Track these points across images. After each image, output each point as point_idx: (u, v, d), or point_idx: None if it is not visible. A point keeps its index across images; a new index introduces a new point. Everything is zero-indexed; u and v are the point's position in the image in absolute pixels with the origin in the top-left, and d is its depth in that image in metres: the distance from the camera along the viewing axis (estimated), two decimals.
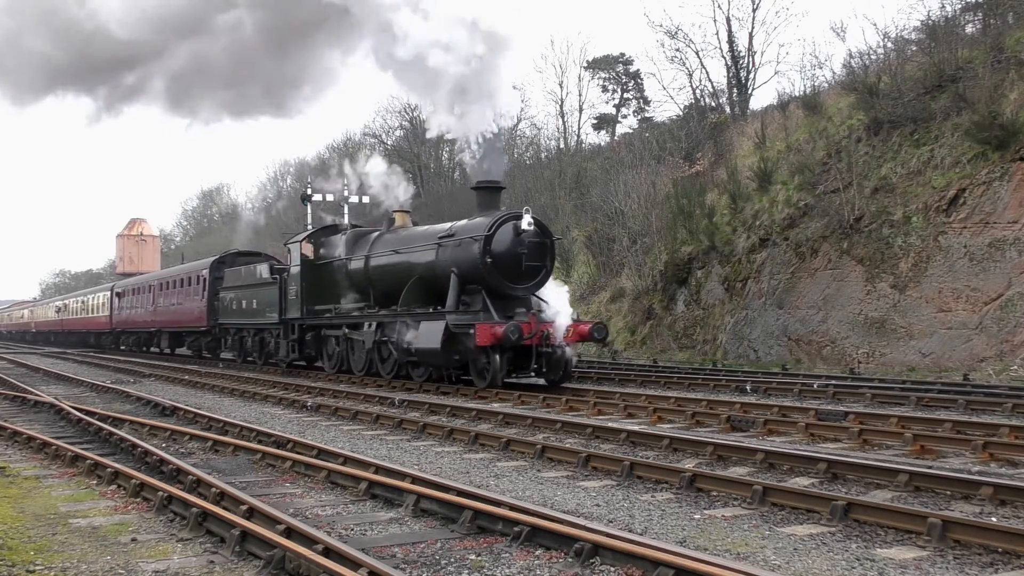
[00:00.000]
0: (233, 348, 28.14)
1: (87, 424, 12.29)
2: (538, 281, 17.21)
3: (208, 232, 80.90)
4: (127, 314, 41.09)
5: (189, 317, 31.49)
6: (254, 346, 26.12)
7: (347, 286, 21.37)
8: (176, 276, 34.38)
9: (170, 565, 5.48)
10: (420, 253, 18.65)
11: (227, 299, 27.55)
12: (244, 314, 26.07)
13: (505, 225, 16.78)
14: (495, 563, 5.42)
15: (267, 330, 24.80)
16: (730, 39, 35.33)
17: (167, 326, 34.69)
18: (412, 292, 18.25)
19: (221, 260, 30.20)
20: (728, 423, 10.92)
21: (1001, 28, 21.96)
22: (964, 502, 6.79)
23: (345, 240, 21.77)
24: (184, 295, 32.30)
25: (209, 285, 29.55)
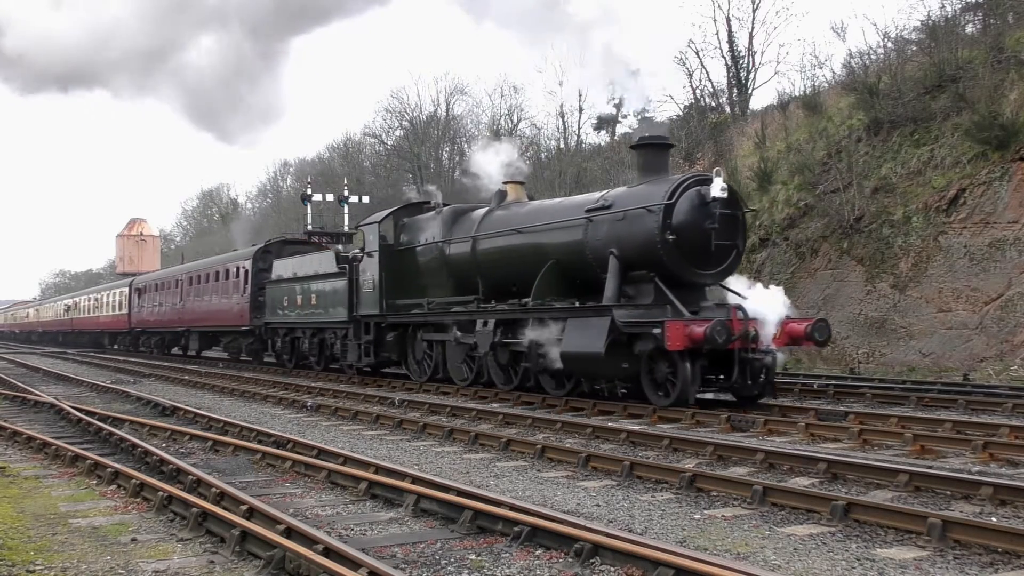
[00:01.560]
0: (283, 351, 24.28)
1: (87, 424, 12.29)
2: (728, 266, 13.48)
3: (208, 232, 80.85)
4: (148, 312, 37.28)
5: (227, 315, 27.72)
6: (312, 348, 22.50)
7: (443, 275, 17.51)
8: (210, 269, 30.32)
9: (170, 565, 5.48)
10: (557, 232, 14.67)
11: (276, 294, 23.90)
12: (299, 311, 22.39)
13: (688, 192, 12.94)
14: (495, 563, 5.42)
15: (330, 330, 21.23)
16: (730, 39, 35.33)
17: (198, 325, 30.87)
18: (547, 282, 14.43)
19: (266, 249, 26.44)
20: (728, 423, 10.92)
21: (1001, 28, 21.96)
22: (964, 502, 6.78)
23: (441, 220, 17.59)
24: (220, 290, 28.61)
25: (252, 278, 25.80)
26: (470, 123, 54.23)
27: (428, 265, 17.95)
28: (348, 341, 20.09)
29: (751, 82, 35.73)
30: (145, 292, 37.84)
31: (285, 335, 24.07)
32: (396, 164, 55.37)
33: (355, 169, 54.76)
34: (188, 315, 31.73)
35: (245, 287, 26.30)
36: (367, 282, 19.11)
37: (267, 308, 24.58)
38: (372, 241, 19.11)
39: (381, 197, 46.50)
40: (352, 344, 19.91)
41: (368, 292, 19.04)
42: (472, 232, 16.67)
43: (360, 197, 41.60)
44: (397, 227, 19.06)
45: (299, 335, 23.25)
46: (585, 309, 13.42)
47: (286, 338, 24.04)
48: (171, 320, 33.96)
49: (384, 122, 56.47)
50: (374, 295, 18.78)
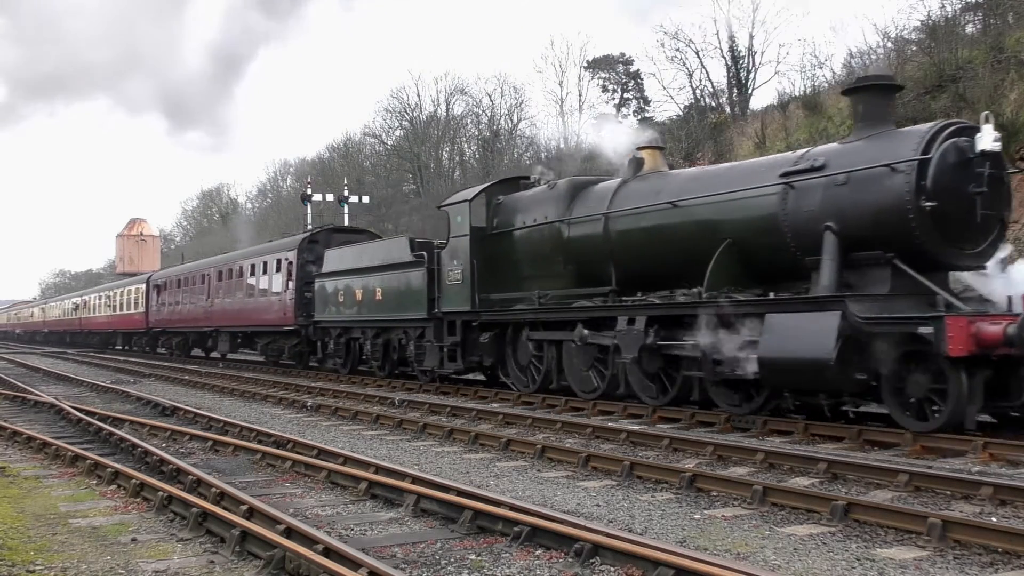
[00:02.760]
0: (336, 354, 21.28)
1: (87, 424, 12.29)
2: (991, 243, 10.29)
3: (208, 232, 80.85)
4: (170, 310, 34.39)
5: (266, 313, 24.73)
6: (374, 351, 19.49)
7: (559, 263, 14.36)
8: (244, 262, 27.32)
9: (170, 565, 5.48)
10: (736, 204, 11.46)
11: (328, 289, 21.09)
12: (359, 308, 19.53)
13: (946, 145, 9.90)
14: (495, 563, 5.42)
15: (399, 329, 18.38)
16: (730, 39, 35.35)
17: (229, 325, 27.95)
18: (723, 268, 11.39)
19: (313, 239, 23.72)
20: (728, 423, 10.91)
21: (1001, 28, 21.99)
22: (964, 502, 6.78)
23: (556, 196, 14.46)
24: (257, 285, 25.81)
25: (298, 271, 22.98)
26: (470, 123, 54.23)
27: (536, 251, 14.79)
28: (426, 343, 17.11)
29: (751, 82, 35.76)
30: (165, 289, 34.98)
31: (339, 336, 21.08)
32: (396, 164, 55.40)
33: (355, 169, 54.78)
34: (217, 314, 28.91)
35: (289, 282, 23.37)
36: (453, 273, 16.02)
37: (317, 305, 21.71)
38: (460, 224, 15.91)
39: (381, 197, 46.59)
40: (431, 347, 16.89)
41: (455, 285, 16.00)
42: (603, 209, 13.39)
43: (360, 197, 41.68)
44: (491, 207, 15.92)
45: (357, 336, 20.40)
46: (800, 301, 10.32)
47: (340, 339, 21.07)
48: (196, 319, 31.22)
49: (384, 122, 56.56)
50: (463, 288, 15.72)
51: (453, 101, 54.04)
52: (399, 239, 19.44)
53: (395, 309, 18.12)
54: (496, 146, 51.22)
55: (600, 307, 13.27)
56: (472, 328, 15.92)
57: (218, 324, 28.86)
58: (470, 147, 54.90)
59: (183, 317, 32.76)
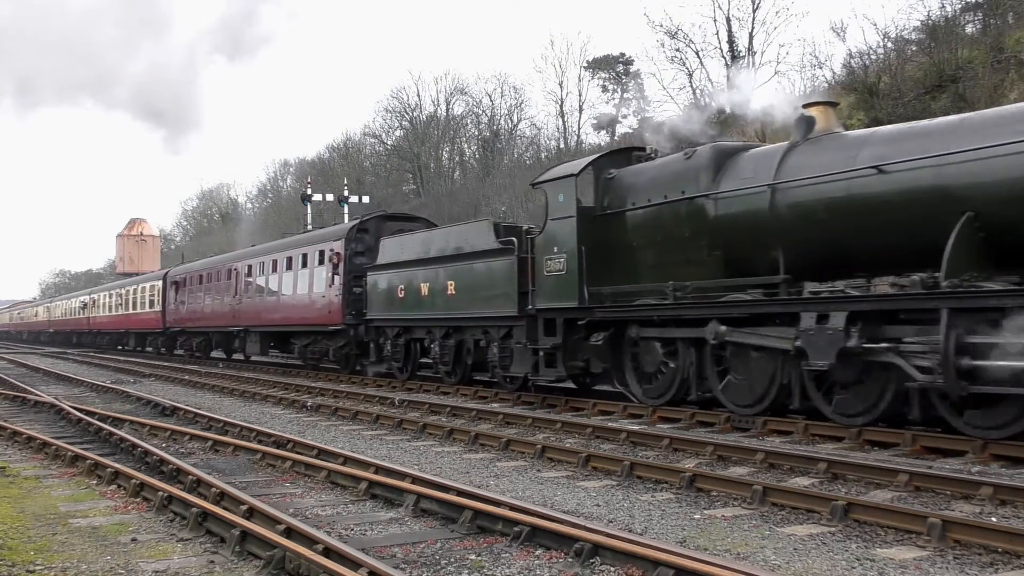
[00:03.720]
0: (393, 356, 18.74)
1: (87, 424, 12.29)
2: None
3: (208, 232, 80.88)
4: (190, 309, 32.00)
5: (307, 311, 22.18)
6: (444, 354, 16.89)
7: (701, 247, 11.78)
8: (280, 255, 24.72)
9: (170, 565, 5.48)
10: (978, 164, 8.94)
11: (384, 283, 18.69)
12: (426, 304, 17.11)
13: None
14: (495, 563, 5.42)
15: (481, 329, 15.74)
16: (730, 39, 35.37)
17: (260, 324, 25.49)
18: (964, 248, 8.95)
19: (362, 227, 21.01)
20: (728, 423, 10.91)
21: (1001, 28, 22.00)
22: (964, 502, 6.78)
23: (695, 167, 11.92)
24: (296, 280, 23.21)
25: (346, 263, 20.50)
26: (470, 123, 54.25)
27: (668, 234, 12.25)
28: (515, 345, 14.62)
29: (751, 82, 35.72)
30: (185, 286, 32.53)
31: (397, 336, 18.53)
32: (396, 164, 55.42)
33: (355, 169, 54.80)
34: (246, 312, 26.34)
35: (334, 275, 20.76)
36: (554, 262, 13.41)
37: (370, 301, 19.24)
38: (563, 203, 13.33)
39: (381, 197, 46.59)
40: (521, 350, 14.35)
41: (556, 276, 13.36)
42: (768, 179, 10.94)
43: (360, 197, 41.67)
44: (600, 183, 13.42)
45: (420, 336, 17.91)
46: None
47: (398, 340, 18.50)
48: (221, 318, 28.62)
49: (384, 122, 56.60)
50: (567, 280, 13.12)
51: (453, 101, 54.14)
52: (480, 223, 16.58)
53: (473, 305, 15.61)
54: (496, 146, 51.25)
55: (777, 300, 10.58)
56: (574, 327, 13.25)
57: (247, 324, 26.33)
58: (470, 147, 54.97)
59: (205, 316, 30.29)
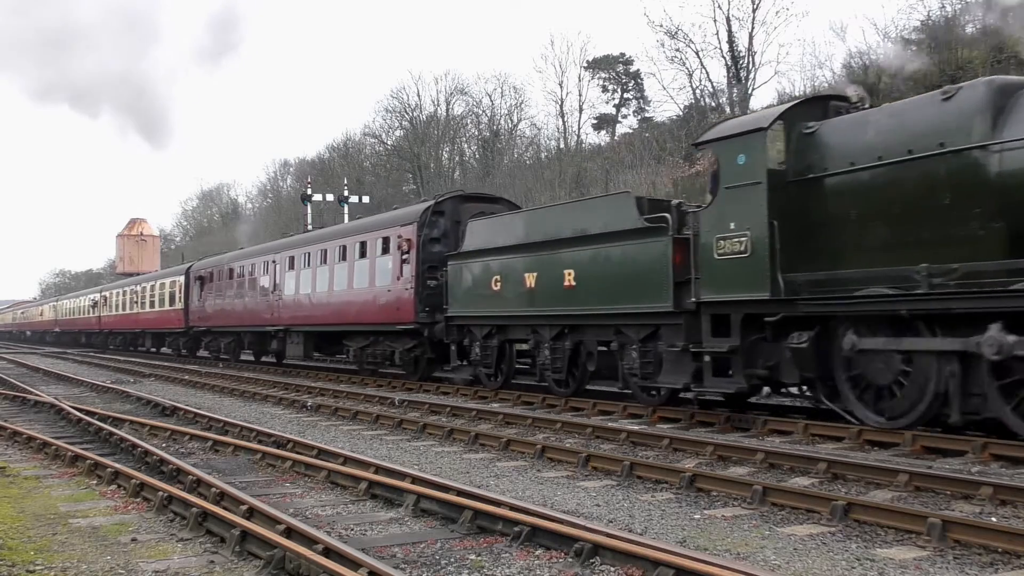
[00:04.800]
0: (483, 361, 15.85)
1: (87, 424, 12.29)
2: None
3: (208, 232, 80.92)
4: (217, 306, 29.12)
5: (367, 308, 19.39)
6: (557, 359, 13.97)
7: (974, 219, 9.01)
8: (332, 243, 21.77)
9: (170, 565, 5.48)
10: None
11: (472, 274, 15.95)
12: (532, 299, 14.31)
13: None
14: (495, 563, 5.42)
15: (612, 328, 12.79)
16: (730, 39, 35.41)
17: (306, 323, 22.78)
18: None
19: (438, 210, 18.21)
20: (728, 423, 10.91)
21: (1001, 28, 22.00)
22: (964, 502, 6.78)
23: (960, 110, 9.23)
24: (351, 273, 20.38)
25: (419, 251, 17.80)
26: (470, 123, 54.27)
27: (909, 202, 9.58)
28: (665, 349, 11.82)
29: (751, 82, 35.78)
30: (211, 281, 29.74)
31: (488, 336, 15.76)
32: (396, 164, 55.43)
33: (355, 169, 54.83)
34: (288, 310, 23.63)
35: (404, 265, 18.08)
36: (730, 242, 10.63)
37: (452, 295, 16.51)
38: (746, 167, 10.55)
39: (381, 197, 46.59)
40: (676, 355, 11.53)
41: (733, 260, 10.59)
42: None
43: (360, 197, 41.71)
44: (794, 140, 10.70)
45: (522, 337, 15.07)
46: None
47: (489, 341, 15.75)
48: (255, 316, 25.76)
49: (384, 122, 56.63)
50: (752, 265, 10.35)
51: (453, 101, 54.15)
52: (617, 197, 13.61)
53: (601, 299, 12.84)
54: (496, 146, 51.26)
55: None
56: (753, 325, 10.54)
57: (288, 323, 23.63)
58: (470, 147, 54.99)
59: (236, 314, 27.29)
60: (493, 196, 20.31)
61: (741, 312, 10.67)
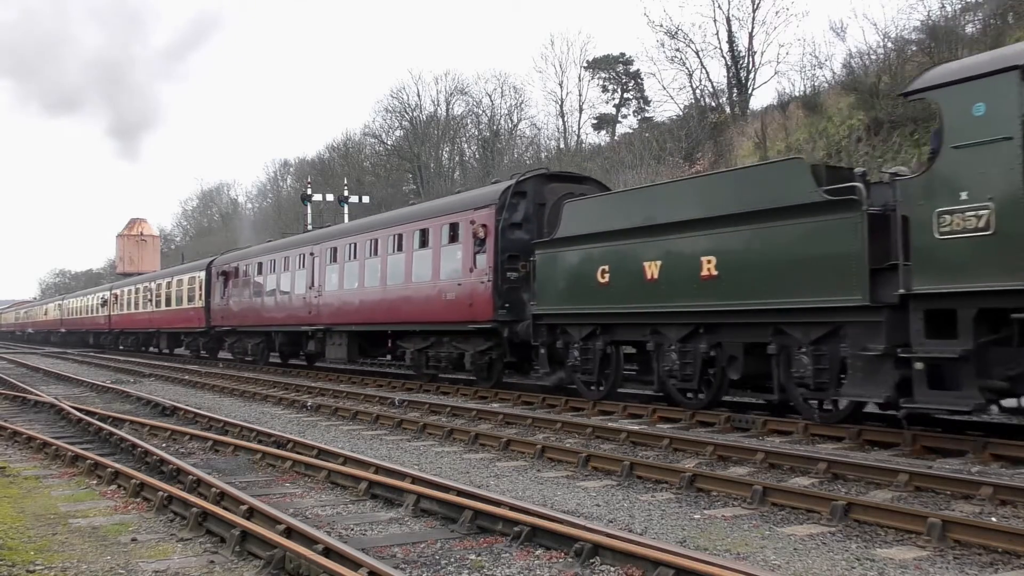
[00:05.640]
0: (583, 366, 13.49)
1: (87, 424, 12.29)
2: None
3: (208, 232, 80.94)
4: (244, 304, 27.01)
5: (431, 304, 17.20)
6: (688, 365, 11.70)
7: None
8: (384, 232, 19.45)
9: (170, 565, 5.48)
10: None
11: (569, 264, 13.70)
12: (650, 293, 12.07)
13: None
14: (495, 563, 5.42)
15: (772, 327, 10.60)
16: (730, 39, 35.40)
17: (353, 322, 20.49)
18: None
19: (519, 191, 15.81)
20: (728, 423, 10.91)
21: (1001, 28, 22.00)
22: (964, 502, 6.78)
23: None
24: (410, 264, 18.07)
25: (497, 239, 15.48)
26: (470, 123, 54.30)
27: None
28: (857, 353, 9.52)
29: (751, 82, 35.80)
30: (236, 276, 27.80)
31: (589, 337, 13.42)
32: (396, 164, 55.45)
33: (355, 169, 54.86)
34: (331, 307, 21.45)
35: (477, 254, 15.92)
36: (962, 217, 8.40)
37: (540, 290, 14.28)
38: (987, 119, 8.28)
39: (381, 197, 46.63)
40: (866, 362, 9.40)
41: (970, 238, 8.36)
42: None
43: (360, 197, 41.74)
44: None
45: (634, 338, 12.90)
46: None
47: (591, 343, 13.38)
48: (290, 315, 23.73)
49: (384, 122, 56.65)
50: (998, 245, 8.18)
51: (453, 101, 54.19)
52: (786, 163, 11.28)
53: (756, 291, 10.63)
54: (496, 146, 51.28)
55: None
56: (991, 324, 8.41)
57: (330, 321, 21.44)
58: (470, 147, 55.01)
59: (267, 312, 25.29)
60: (579, 175, 18.17)
61: (974, 307, 8.37)
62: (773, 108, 30.38)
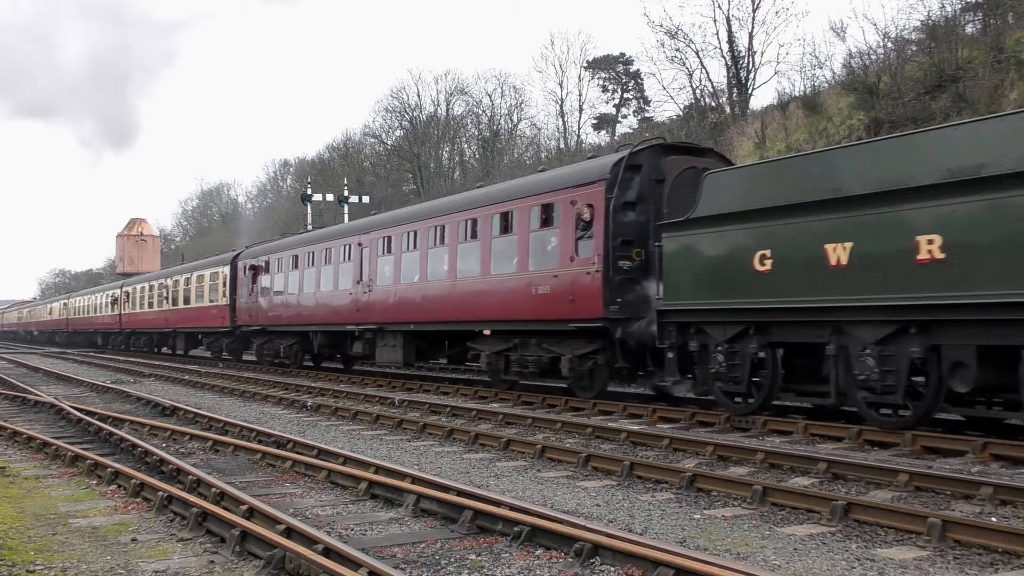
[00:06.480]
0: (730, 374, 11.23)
1: (87, 424, 12.29)
2: None
3: (208, 232, 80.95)
4: (276, 301, 24.77)
5: (516, 300, 14.86)
6: (890, 373, 9.48)
7: None
8: (449, 218, 17.13)
9: (170, 565, 5.48)
10: None
11: (713, 249, 11.44)
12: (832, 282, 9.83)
13: None
14: (495, 563, 5.42)
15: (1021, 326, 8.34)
16: (730, 39, 35.38)
17: (412, 320, 18.06)
18: None
19: (632, 164, 13.26)
20: (728, 423, 10.91)
21: (1001, 28, 22.01)
22: (964, 502, 6.78)
23: None
24: (486, 254, 15.76)
25: (608, 222, 13.06)
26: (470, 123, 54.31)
27: None
28: None
29: (751, 82, 35.79)
30: (266, 272, 25.44)
31: (737, 338, 11.13)
32: (396, 164, 55.46)
33: (355, 169, 54.87)
34: (383, 304, 19.16)
35: (579, 242, 13.56)
36: None
37: (669, 281, 11.99)
38: None
39: (381, 197, 46.63)
40: None
41: None
42: None
43: (360, 197, 41.74)
44: None
45: (802, 340, 10.54)
46: None
47: (742, 344, 11.09)
48: (332, 313, 21.39)
49: (384, 122, 56.66)
50: None
51: (453, 101, 54.18)
52: None
53: (999, 278, 8.43)
54: (496, 146, 51.29)
55: None
56: None
57: (381, 320, 19.23)
58: (470, 147, 55.02)
59: (304, 310, 23.09)
60: (699, 146, 15.78)
61: None
62: (773, 108, 30.38)
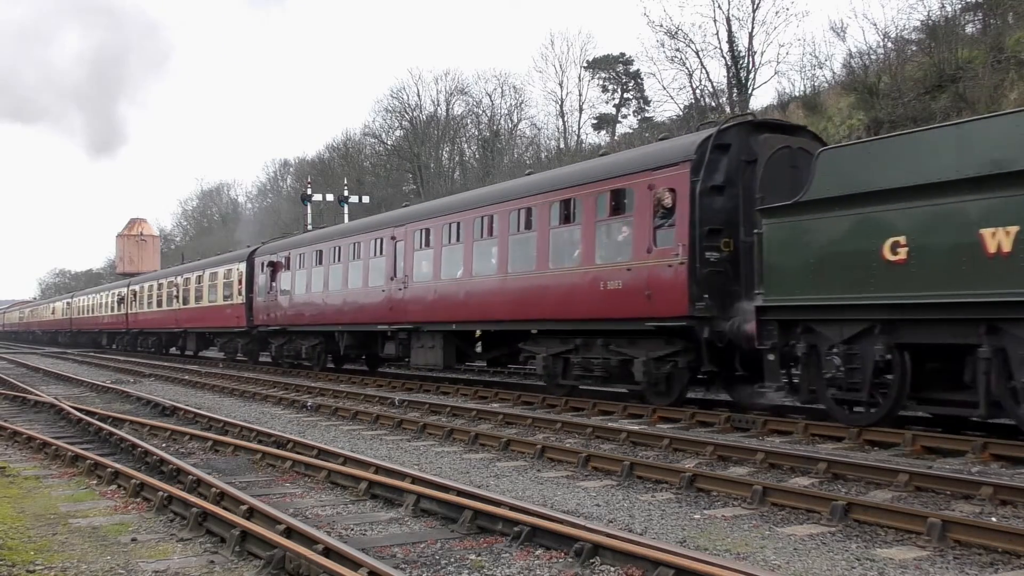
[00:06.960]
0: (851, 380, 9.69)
1: (87, 424, 12.29)
2: None
3: (208, 232, 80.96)
4: (298, 300, 23.27)
5: (578, 296, 13.44)
6: None
7: None
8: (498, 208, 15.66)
9: (170, 565, 5.48)
10: None
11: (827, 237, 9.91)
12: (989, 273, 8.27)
13: None
14: (495, 563, 5.42)
15: None
16: (730, 39, 35.39)
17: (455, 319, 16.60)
18: None
19: (720, 143, 11.89)
20: (728, 423, 10.91)
21: (1001, 28, 22.02)
22: (964, 502, 6.78)
23: None
24: (544, 247, 14.31)
25: (694, 208, 11.67)
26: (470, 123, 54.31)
27: None
28: None
29: (751, 82, 35.79)
30: (288, 268, 24.04)
31: (857, 338, 9.71)
32: (396, 164, 55.46)
33: (355, 169, 54.87)
34: (422, 301, 17.66)
35: (657, 231, 12.22)
36: None
37: (771, 274, 10.52)
38: None
39: (381, 197, 46.63)
40: None
41: None
42: None
43: (360, 197, 41.75)
44: None
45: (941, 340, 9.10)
46: None
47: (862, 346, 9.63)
48: (362, 311, 19.95)
49: (384, 122, 56.66)
50: None
51: (453, 101, 54.18)
52: None
53: None
54: (496, 146, 51.28)
55: None
56: None
57: (418, 319, 17.71)
58: (470, 147, 55.01)
59: (331, 309, 21.56)
60: (792, 124, 14.14)
61: None
62: (773, 108, 30.42)
